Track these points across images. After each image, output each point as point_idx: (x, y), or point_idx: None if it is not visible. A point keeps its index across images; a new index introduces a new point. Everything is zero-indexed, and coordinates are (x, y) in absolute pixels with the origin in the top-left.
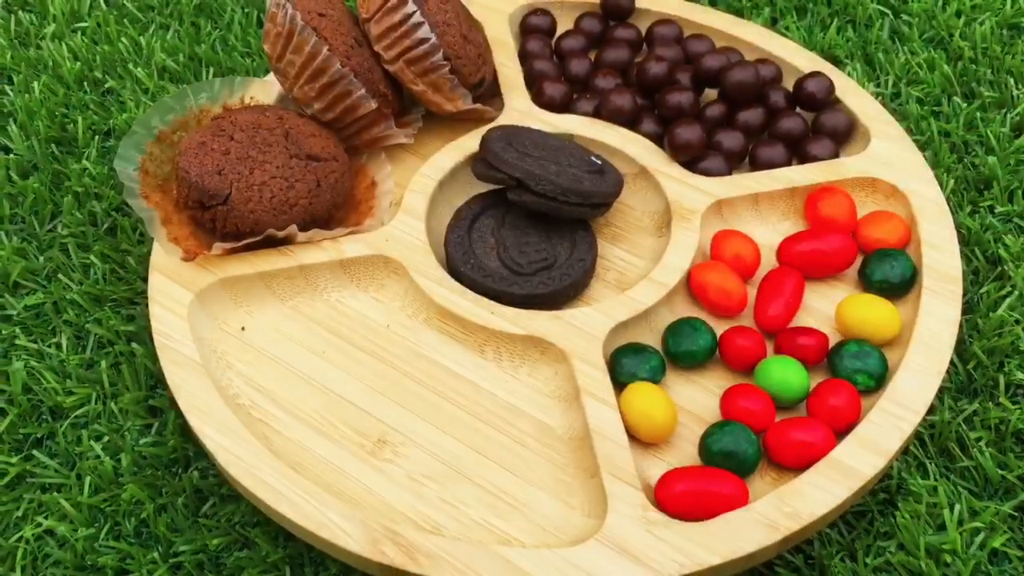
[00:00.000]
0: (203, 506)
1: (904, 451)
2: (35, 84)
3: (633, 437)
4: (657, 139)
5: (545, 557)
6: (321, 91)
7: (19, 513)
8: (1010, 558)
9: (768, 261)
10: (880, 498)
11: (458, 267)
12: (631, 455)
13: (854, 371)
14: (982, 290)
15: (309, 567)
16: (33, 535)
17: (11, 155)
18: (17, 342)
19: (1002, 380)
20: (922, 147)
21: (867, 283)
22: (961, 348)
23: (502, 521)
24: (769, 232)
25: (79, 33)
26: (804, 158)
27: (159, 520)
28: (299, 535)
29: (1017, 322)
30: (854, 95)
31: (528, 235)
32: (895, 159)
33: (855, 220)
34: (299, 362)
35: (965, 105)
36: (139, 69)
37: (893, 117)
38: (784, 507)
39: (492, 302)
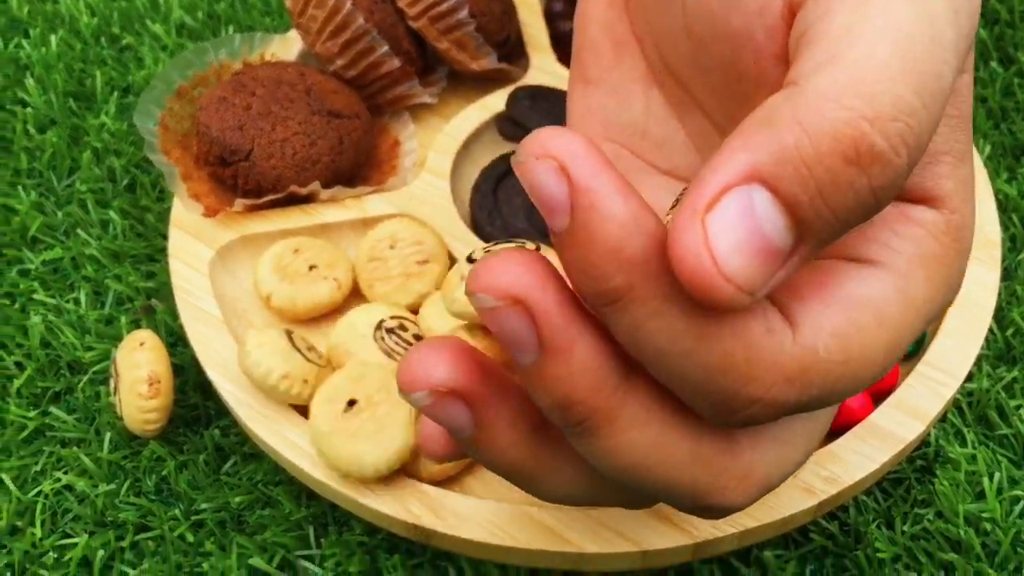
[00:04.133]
0: (224, 464)
1: (942, 418)
2: (52, 38)
3: None
4: None
5: (576, 517)
6: (344, 47)
7: (37, 468)
8: None
9: None
10: (917, 465)
11: (483, 227)
12: None
13: None
14: (1020, 256)
15: (333, 526)
16: (52, 490)
17: (28, 108)
18: (35, 297)
19: None
20: None
21: None
22: (1000, 315)
23: None
24: None
25: None
26: None
27: (180, 477)
28: (323, 493)
29: None
30: None
31: None
32: None
33: None
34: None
35: (1002, 71)
36: (157, 25)
37: None
38: (821, 471)
39: None
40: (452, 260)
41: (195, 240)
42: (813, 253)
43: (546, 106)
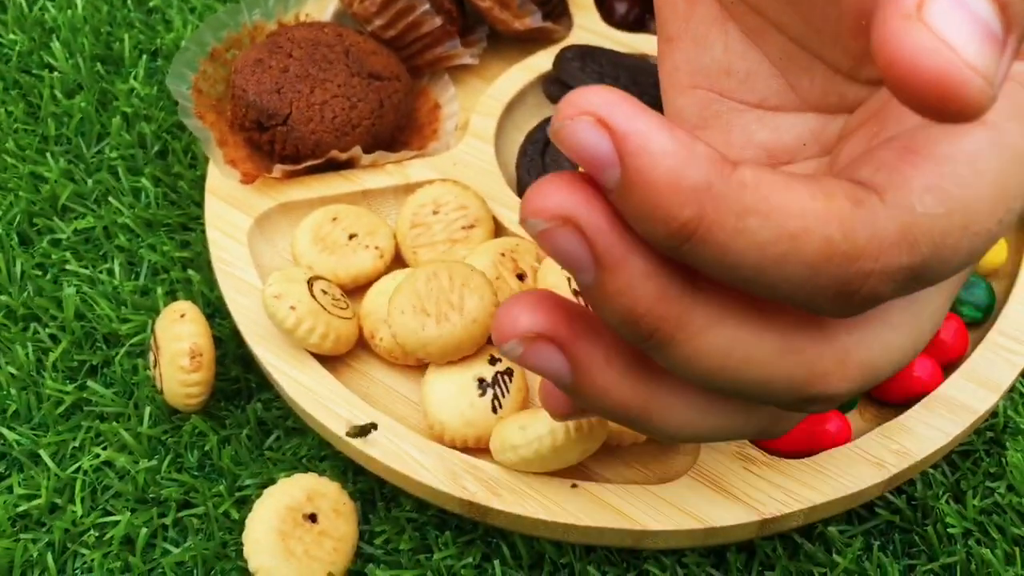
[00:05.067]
0: (267, 439)
1: (1010, 389)
2: (77, 0)
3: None
4: None
5: (635, 493)
6: (382, 6)
7: (76, 443)
8: None
9: None
10: (986, 437)
11: None
12: None
13: (960, 303)
14: None
15: (381, 502)
16: (91, 466)
17: (55, 73)
18: (68, 267)
19: None
20: None
21: None
22: None
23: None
24: None
25: None
26: None
27: (223, 452)
28: (372, 469)
29: None
30: None
31: None
32: None
33: None
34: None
35: None
36: None
37: None
38: (891, 444)
39: None
40: (497, 225)
41: (232, 208)
42: (1020, 44)
43: (596, 67)
